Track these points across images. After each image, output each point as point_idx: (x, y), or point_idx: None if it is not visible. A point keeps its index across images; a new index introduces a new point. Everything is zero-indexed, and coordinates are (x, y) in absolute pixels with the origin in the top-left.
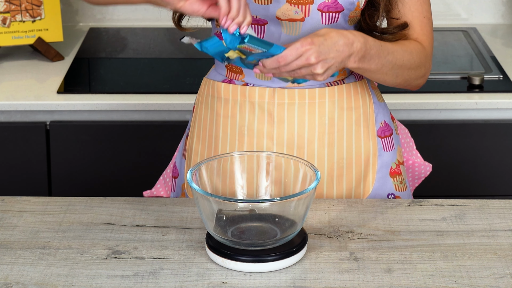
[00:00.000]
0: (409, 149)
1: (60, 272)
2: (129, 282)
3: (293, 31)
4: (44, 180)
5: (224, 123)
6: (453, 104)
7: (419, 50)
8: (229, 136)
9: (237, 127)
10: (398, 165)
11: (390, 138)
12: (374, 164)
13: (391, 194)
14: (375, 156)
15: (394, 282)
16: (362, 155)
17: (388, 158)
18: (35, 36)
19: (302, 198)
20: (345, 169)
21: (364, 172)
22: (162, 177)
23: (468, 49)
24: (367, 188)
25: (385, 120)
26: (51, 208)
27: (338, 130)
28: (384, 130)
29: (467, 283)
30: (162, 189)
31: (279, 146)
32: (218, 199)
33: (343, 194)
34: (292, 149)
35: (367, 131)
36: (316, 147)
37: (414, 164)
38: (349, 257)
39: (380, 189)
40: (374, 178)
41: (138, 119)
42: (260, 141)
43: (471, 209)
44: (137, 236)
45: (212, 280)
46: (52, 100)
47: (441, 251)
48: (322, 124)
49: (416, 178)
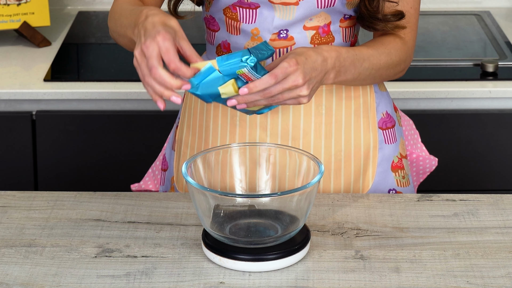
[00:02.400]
0: (413, 142)
1: (47, 272)
2: (120, 282)
3: (286, 15)
4: (29, 173)
5: (214, 113)
6: (465, 93)
7: (398, 47)
8: (220, 127)
9: (229, 118)
10: (401, 158)
11: (392, 129)
12: (374, 157)
13: (393, 190)
14: (375, 149)
15: (402, 282)
16: (361, 148)
17: (390, 151)
18: (20, 20)
19: (304, 193)
20: (343, 162)
21: (364, 165)
22: (151, 170)
23: (481, 34)
24: (366, 183)
25: (387, 111)
26: (37, 203)
27: (336, 121)
28: (385, 121)
29: (480, 283)
30: (151, 182)
31: (273, 137)
32: (215, 193)
33: (341, 189)
34: (287, 141)
35: (367, 122)
36: (312, 139)
37: (419, 158)
38: (355, 256)
39: (380, 184)
40: (374, 172)
41: (130, 108)
42: (252, 132)
43: (485, 205)
44: (129, 233)
45: (209, 280)
46: (39, 88)
47: (453, 249)
48: (318, 114)
49: (420, 173)
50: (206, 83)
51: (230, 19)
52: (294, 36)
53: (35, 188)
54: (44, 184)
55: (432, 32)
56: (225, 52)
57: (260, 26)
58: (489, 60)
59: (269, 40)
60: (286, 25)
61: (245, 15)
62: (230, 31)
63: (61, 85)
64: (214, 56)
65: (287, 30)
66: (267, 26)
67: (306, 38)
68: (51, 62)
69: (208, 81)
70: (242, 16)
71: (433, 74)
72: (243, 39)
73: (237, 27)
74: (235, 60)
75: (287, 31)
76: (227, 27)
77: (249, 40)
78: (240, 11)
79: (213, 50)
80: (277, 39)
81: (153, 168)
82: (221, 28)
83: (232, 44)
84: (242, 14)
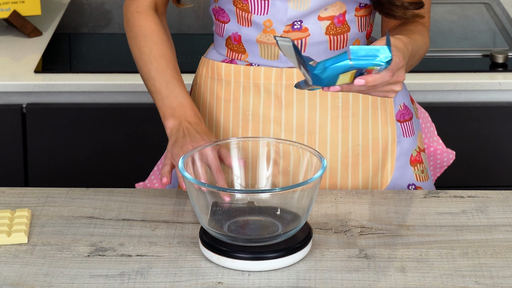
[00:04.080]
0: (430, 134)
1: (38, 271)
2: (114, 282)
3: (300, 6)
4: (20, 169)
5: (225, 107)
6: (473, 85)
7: (427, 38)
8: (231, 122)
9: (241, 112)
10: (419, 152)
11: (410, 122)
12: (393, 151)
13: (412, 185)
14: (394, 143)
15: (408, 282)
16: (379, 142)
17: (408, 144)
18: (10, 9)
19: (306, 189)
20: (361, 157)
21: (382, 160)
22: (156, 168)
23: (490, 23)
24: (385, 178)
25: (404, 103)
26: (28, 200)
27: (353, 114)
28: (403, 113)
29: (489, 284)
30: (157, 181)
31: (288, 132)
32: (213, 189)
33: (359, 185)
34: (302, 135)
35: (385, 115)
36: (329, 133)
37: (436, 152)
38: (359, 255)
39: (399, 179)
40: (393, 167)
41: (125, 101)
42: (266, 127)
43: (494, 201)
44: (123, 231)
45: (207, 280)
46: (29, 80)
47: (461, 248)
48: (335, 107)
49: (438, 167)
50: (333, 68)
51: (240, 10)
52: (308, 28)
53: (26, 184)
54: (34, 180)
55: (439, 22)
56: (235, 44)
57: (273, 18)
58: (498, 50)
59: (283, 32)
60: (300, 16)
61: (256, 6)
62: (240, 23)
63: (52, 77)
64: (224, 49)
65: (301, 21)
66: (280, 18)
67: (321, 29)
68: (42, 52)
69: (336, 67)
70: (253, 7)
71: (440, 65)
72: (254, 32)
73: (248, 19)
74: (372, 57)
75: (301, 22)
76: (238, 19)
77: (261, 32)
78: (251, 2)
79: (222, 42)
80: (291, 30)
81: (159, 166)
82: (231, 20)
83: (243, 36)
84: (253, 5)
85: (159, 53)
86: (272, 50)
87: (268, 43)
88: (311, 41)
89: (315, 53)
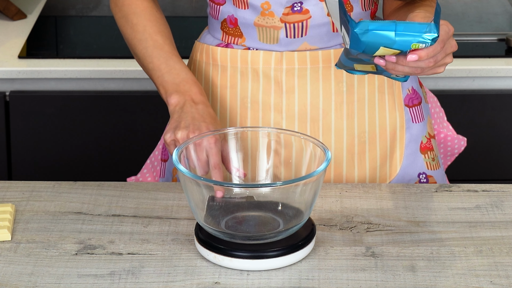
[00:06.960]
0: (439, 120)
1: (22, 271)
2: (103, 282)
3: None
4: (2, 161)
5: (222, 94)
6: (488, 71)
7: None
8: (228, 110)
9: (238, 99)
10: (429, 139)
11: (419, 107)
12: (401, 138)
13: (423, 174)
14: (402, 129)
15: (418, 282)
16: (387, 128)
17: (418, 130)
18: None
19: (309, 183)
20: (368, 144)
21: (391, 148)
22: (149, 161)
23: (506, 5)
24: (394, 167)
25: (413, 86)
26: (11, 194)
27: (359, 99)
28: (412, 98)
29: (505, 284)
30: (150, 174)
31: (289, 119)
32: (209, 183)
33: (366, 175)
34: (305, 123)
35: (393, 99)
36: (333, 120)
37: (446, 138)
38: (365, 253)
39: (409, 168)
40: (402, 155)
41: (115, 88)
42: (266, 114)
43: (510, 196)
44: (113, 227)
45: (203, 280)
46: (13, 66)
47: (475, 246)
48: (339, 92)
49: (448, 155)
50: (375, 34)
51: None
52: (309, 9)
53: (9, 177)
54: (18, 173)
55: (451, 4)
56: (232, 28)
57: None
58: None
59: (282, 15)
60: None
61: None
62: (236, 5)
63: (37, 63)
64: (219, 33)
65: (301, 3)
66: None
67: (323, 10)
68: (26, 37)
69: (378, 34)
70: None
71: None
72: (251, 14)
73: (244, 1)
74: (417, 34)
75: (301, 3)
76: (234, 1)
77: (258, 15)
78: None
79: (218, 25)
80: (290, 13)
81: (152, 159)
82: (227, 2)
83: (239, 19)
84: None
85: (153, 30)
86: (271, 33)
87: (267, 26)
88: (312, 23)
89: (317, 35)
